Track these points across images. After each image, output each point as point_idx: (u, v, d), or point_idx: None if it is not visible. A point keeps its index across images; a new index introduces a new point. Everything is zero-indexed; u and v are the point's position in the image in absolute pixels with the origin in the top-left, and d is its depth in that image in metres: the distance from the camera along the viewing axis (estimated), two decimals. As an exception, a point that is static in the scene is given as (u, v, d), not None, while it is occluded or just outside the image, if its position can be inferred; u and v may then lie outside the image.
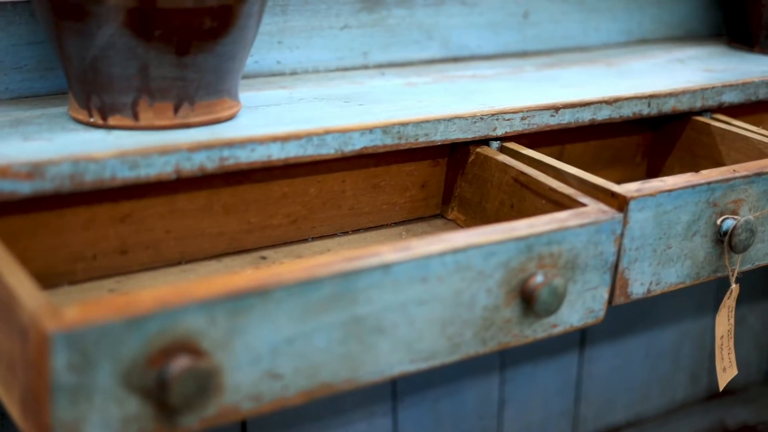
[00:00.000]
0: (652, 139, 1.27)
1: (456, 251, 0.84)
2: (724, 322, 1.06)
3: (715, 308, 1.74)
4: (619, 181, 1.20)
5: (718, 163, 1.19)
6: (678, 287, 1.03)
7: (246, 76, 1.16)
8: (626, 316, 1.60)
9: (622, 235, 0.96)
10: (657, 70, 1.31)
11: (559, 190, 0.98)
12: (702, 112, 1.23)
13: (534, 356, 1.53)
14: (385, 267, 0.81)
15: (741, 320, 1.78)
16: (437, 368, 0.91)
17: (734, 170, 1.04)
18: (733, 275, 1.05)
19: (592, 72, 1.28)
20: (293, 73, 1.20)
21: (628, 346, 1.63)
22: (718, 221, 1.02)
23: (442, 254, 0.84)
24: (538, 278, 0.89)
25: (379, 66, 1.25)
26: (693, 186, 0.99)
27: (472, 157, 1.07)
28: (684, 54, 1.41)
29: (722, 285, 1.72)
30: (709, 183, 1.00)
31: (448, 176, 1.10)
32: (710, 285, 1.70)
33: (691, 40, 1.51)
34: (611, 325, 1.59)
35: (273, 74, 1.18)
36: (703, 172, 1.03)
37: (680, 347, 1.71)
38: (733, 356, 1.07)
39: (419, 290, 0.83)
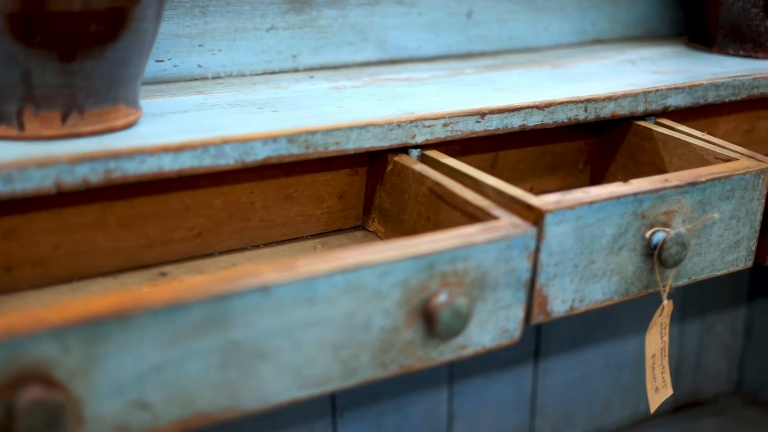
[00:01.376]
0: (595, 144, 1.21)
1: (346, 270, 0.79)
2: (656, 340, 1.00)
3: (680, 317, 1.68)
4: (560, 189, 1.14)
5: (660, 170, 1.13)
6: (605, 304, 0.97)
7: (164, 81, 1.11)
8: (584, 326, 1.54)
9: (537, 250, 0.90)
10: (604, 72, 1.25)
11: (473, 202, 0.92)
12: (645, 116, 1.17)
13: (485, 368, 1.47)
14: (264, 289, 0.76)
15: (709, 329, 1.71)
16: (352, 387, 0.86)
17: (666, 180, 0.98)
18: (664, 291, 0.99)
19: (536, 74, 1.22)
20: (216, 78, 1.14)
21: (586, 357, 1.58)
22: (647, 234, 0.96)
23: (331, 274, 0.78)
24: (441, 298, 0.84)
25: (310, 69, 1.20)
26: (618, 197, 0.93)
27: (390, 167, 1.01)
28: (638, 55, 1.35)
29: (686, 294, 1.65)
30: (636, 194, 0.95)
31: (368, 186, 1.04)
32: (674, 294, 1.64)
33: (650, 40, 1.45)
34: (568, 335, 1.53)
35: (194, 79, 1.13)
36: (632, 181, 0.97)
37: (643, 357, 1.65)
38: (667, 375, 1.01)
39: (306, 312, 0.78)
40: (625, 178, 1.16)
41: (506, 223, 0.88)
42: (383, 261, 0.80)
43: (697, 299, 1.68)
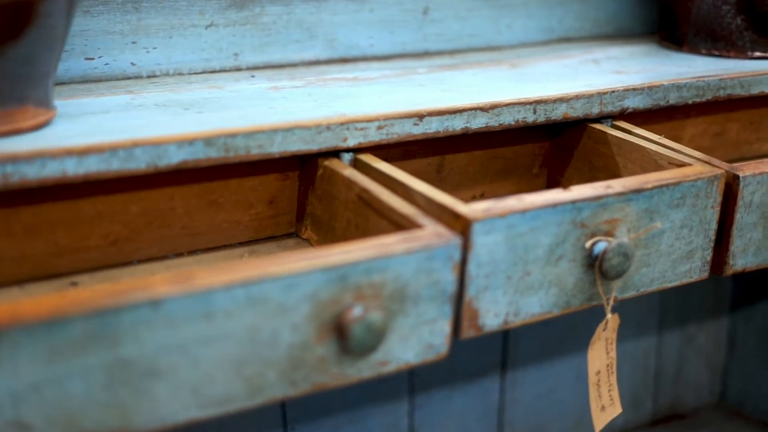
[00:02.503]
0: (551, 148, 1.15)
1: (247, 283, 0.74)
2: (601, 356, 0.94)
3: (660, 326, 1.62)
4: (513, 194, 1.09)
5: (615, 175, 1.08)
6: (544, 317, 0.92)
7: (94, 80, 1.06)
8: (555, 336, 1.48)
9: (464, 261, 0.85)
10: (564, 72, 1.19)
11: (399, 209, 0.87)
12: (601, 119, 1.11)
13: (449, 379, 1.42)
14: (154, 303, 0.71)
15: (690, 340, 1.65)
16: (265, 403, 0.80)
17: (608, 186, 0.92)
18: (608, 304, 0.94)
19: (492, 74, 1.17)
20: (151, 77, 1.10)
21: (557, 368, 1.52)
22: (588, 244, 0.91)
23: (229, 287, 0.73)
24: (356, 312, 0.78)
25: (253, 68, 1.15)
26: (554, 205, 0.88)
27: (320, 171, 0.96)
28: (604, 54, 1.30)
29: (665, 302, 1.60)
30: (574, 202, 0.89)
31: (300, 192, 0.99)
32: (652, 303, 1.58)
33: (620, 39, 1.40)
34: (537, 345, 1.47)
35: (127, 78, 1.08)
36: (572, 188, 0.91)
37: (619, 369, 1.59)
38: (615, 393, 0.96)
39: (203, 328, 0.73)
40: (581, 183, 1.10)
41: (429, 232, 0.83)
42: (289, 273, 0.75)
43: (677, 308, 1.62)
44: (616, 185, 0.92)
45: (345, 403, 1.34)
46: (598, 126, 1.10)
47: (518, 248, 0.87)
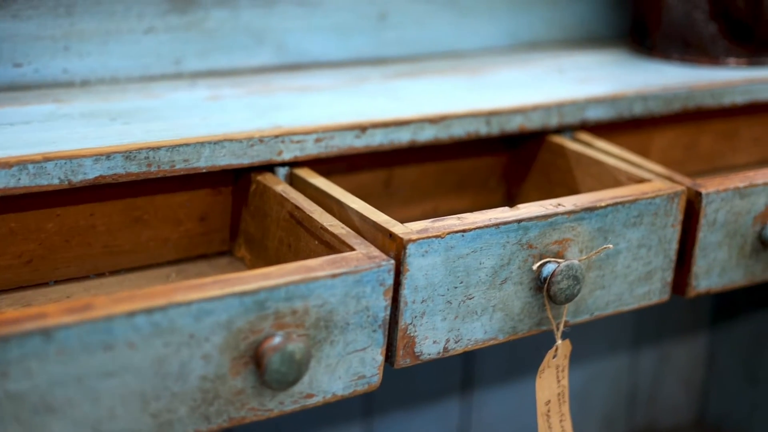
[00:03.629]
0: (509, 160, 1.09)
1: (152, 311, 0.68)
2: (551, 384, 0.88)
3: (634, 343, 1.56)
4: (469, 210, 1.03)
5: (572, 190, 1.02)
6: (488, 344, 0.86)
7: (22, 88, 1.01)
8: (520, 353, 1.42)
9: (398, 285, 0.79)
10: (526, 80, 1.13)
11: (330, 229, 0.81)
12: (562, 130, 1.05)
13: (408, 401, 1.36)
14: (46, 333, 0.65)
15: (664, 358, 1.59)
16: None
17: (558, 204, 0.86)
18: (558, 330, 0.88)
19: (449, 83, 1.11)
20: (85, 84, 1.04)
21: (524, 389, 1.46)
22: (535, 266, 0.85)
23: (132, 315, 0.68)
24: (276, 341, 0.73)
25: (196, 75, 1.09)
26: (497, 225, 0.82)
27: (253, 187, 0.90)
28: (571, 61, 1.24)
29: (640, 318, 1.53)
30: (520, 221, 0.83)
31: (234, 208, 0.94)
32: (625, 319, 1.52)
33: (591, 45, 1.34)
34: (502, 363, 1.41)
35: (58, 85, 1.03)
36: (520, 206, 0.86)
37: (591, 389, 1.53)
38: (568, 424, 0.90)
39: (103, 360, 0.67)
40: (540, 198, 1.05)
41: (358, 255, 0.77)
42: (200, 300, 0.69)
43: (652, 323, 1.56)
44: (567, 203, 0.87)
45: (293, 426, 1.28)
46: (556, 138, 1.04)
47: (459, 271, 0.81)
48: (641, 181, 0.94)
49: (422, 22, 1.22)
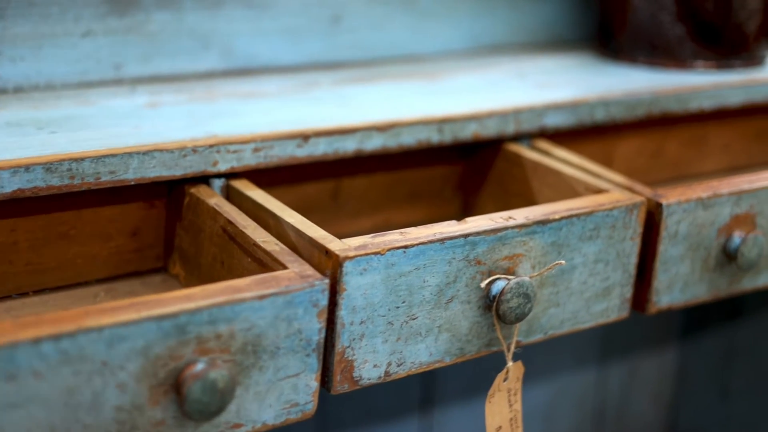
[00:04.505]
0: (465, 169, 1.04)
1: (59, 337, 0.63)
2: (502, 409, 0.84)
3: (601, 357, 1.51)
4: (422, 222, 0.98)
5: (530, 201, 0.97)
6: (433, 367, 0.81)
7: (-50, 95, 0.95)
8: (484, 369, 1.37)
9: (334, 305, 0.74)
10: (485, 85, 1.09)
11: (263, 246, 0.76)
12: (519, 138, 1.00)
13: (364, 420, 1.30)
14: (-60, 363, 0.60)
15: (633, 372, 1.54)
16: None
17: (509, 217, 0.81)
18: (509, 351, 0.83)
19: (404, 88, 1.06)
20: (18, 90, 0.98)
21: (489, 404, 1.40)
22: (484, 284, 0.80)
23: (37, 342, 0.63)
24: (198, 368, 0.68)
25: (137, 81, 1.04)
26: (442, 240, 0.77)
27: (186, 200, 0.85)
28: (533, 65, 1.19)
29: (607, 331, 1.49)
30: (466, 236, 0.78)
31: (168, 222, 0.88)
32: (592, 332, 1.47)
33: (555, 48, 1.29)
34: (464, 379, 1.36)
35: (-11, 92, 0.97)
36: (467, 220, 0.81)
37: (555, 406, 1.48)
38: (521, 449, 0.85)
39: (5, 390, 0.62)
40: (496, 209, 1.00)
41: (290, 273, 0.72)
42: (113, 325, 0.64)
43: (620, 337, 1.51)
44: (518, 216, 0.82)
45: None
46: (513, 147, 0.99)
47: (401, 290, 0.76)
48: (600, 191, 0.90)
49: (378, 25, 1.17)
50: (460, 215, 1.05)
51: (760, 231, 0.94)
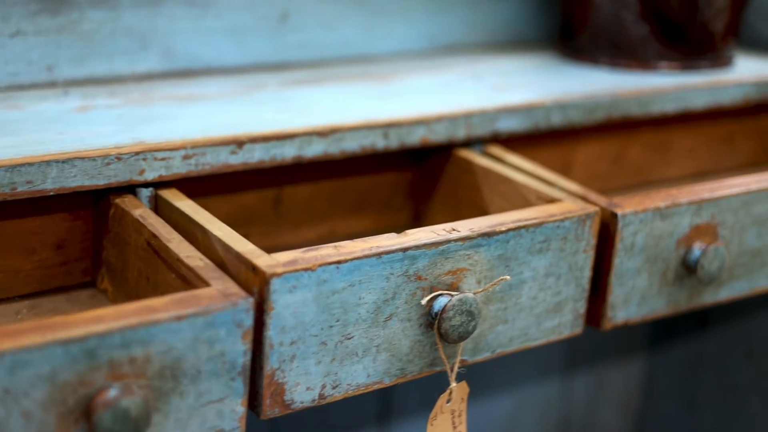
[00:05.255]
0: (415, 176, 1.00)
1: (-47, 364, 0.58)
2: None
3: (566, 367, 1.46)
4: (371, 232, 0.94)
5: (481, 210, 0.92)
6: (372, 388, 0.76)
7: None
8: (444, 383, 1.32)
9: (261, 325, 0.69)
10: (438, 88, 1.04)
11: (187, 261, 0.71)
12: (470, 143, 0.96)
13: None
14: None
15: (599, 383, 1.50)
16: None
17: (452, 229, 0.77)
18: (452, 371, 0.78)
19: (352, 90, 1.01)
20: (-58, 94, 0.93)
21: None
22: (424, 300, 0.75)
23: (-73, 370, 0.57)
24: (110, 395, 0.63)
25: (71, 83, 0.99)
26: (379, 254, 0.72)
27: (112, 211, 0.80)
28: (491, 66, 1.14)
29: (574, 342, 1.44)
30: (405, 250, 0.73)
31: (95, 234, 0.83)
32: (556, 343, 1.43)
33: (516, 48, 1.24)
34: (425, 392, 1.31)
35: None
36: (408, 232, 0.76)
37: (519, 417, 1.44)
38: (468, 473, 0.80)
39: None
40: (446, 219, 0.95)
41: (212, 292, 0.67)
42: (15, 350, 0.59)
43: (585, 347, 1.47)
44: (462, 228, 0.77)
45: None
46: (463, 152, 0.94)
47: (334, 308, 0.72)
48: (552, 200, 0.85)
49: (328, 24, 1.12)
50: (411, 224, 1.00)
51: (722, 242, 0.90)
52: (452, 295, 0.75)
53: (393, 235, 0.75)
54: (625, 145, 1.11)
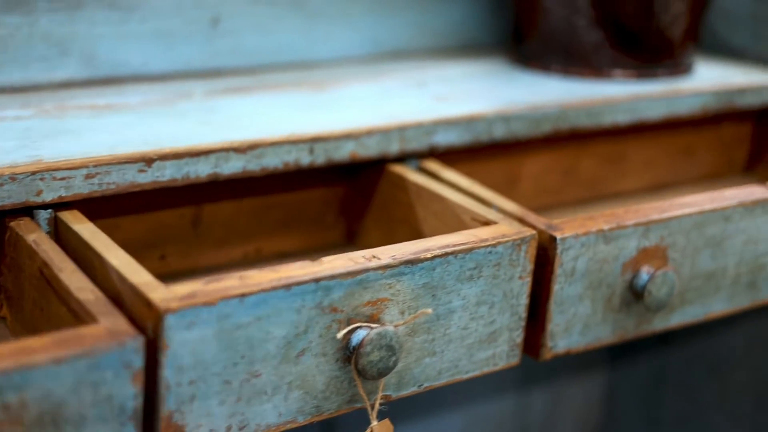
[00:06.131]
0: (348, 192, 0.94)
1: None
2: (367, 474, 0.73)
3: (523, 382, 1.41)
4: (302, 251, 0.88)
5: (415, 231, 0.87)
6: (285, 428, 0.70)
7: None
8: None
9: (155, 365, 0.63)
10: (376, 97, 0.98)
11: (76, 294, 0.65)
12: (406, 158, 0.90)
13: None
14: None
15: (558, 399, 1.44)
16: None
17: (372, 257, 0.71)
18: (372, 409, 0.72)
19: (284, 100, 0.95)
20: None
21: (397, 438, 1.30)
22: (340, 334, 0.69)
23: None
24: (-20, 446, 0.56)
25: (-17, 92, 0.92)
26: (288, 286, 0.66)
27: (7, 234, 0.74)
28: (437, 73, 1.08)
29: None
30: (318, 280, 0.67)
31: (-8, 258, 0.77)
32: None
33: (466, 54, 1.18)
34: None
35: None
36: (324, 259, 0.70)
37: (473, 435, 1.38)
38: None
39: None
40: (380, 239, 0.89)
41: (98, 330, 0.61)
42: None
43: (543, 362, 1.41)
44: (384, 255, 0.71)
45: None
46: (396, 168, 0.89)
47: (239, 344, 0.66)
48: (487, 222, 0.79)
49: (264, 28, 1.06)
50: (344, 242, 0.94)
51: (672, 266, 0.84)
52: (371, 328, 0.69)
53: (306, 263, 0.69)
54: (577, 157, 1.06)
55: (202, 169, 0.79)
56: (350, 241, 0.94)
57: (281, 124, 0.87)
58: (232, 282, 0.66)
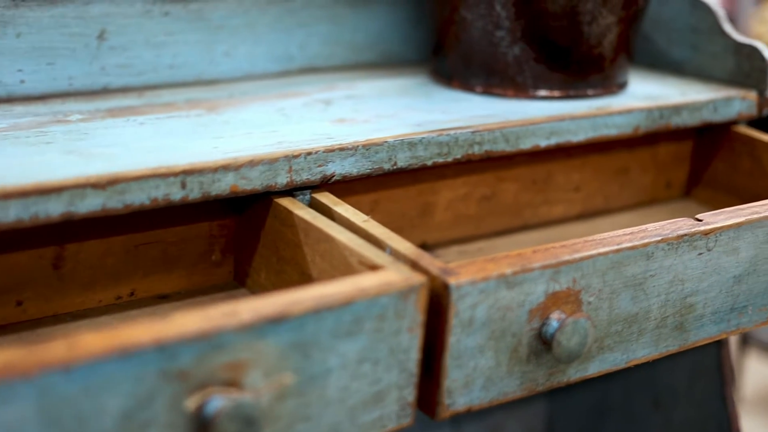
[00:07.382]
0: (236, 226, 0.85)
1: None
2: None
3: (455, 417, 1.32)
4: (180, 292, 0.79)
5: (304, 272, 0.78)
6: None
7: None
8: None
9: (-40, 450, 0.54)
10: (274, 119, 0.89)
11: None
12: (297, 189, 0.81)
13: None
14: None
15: (495, 430, 1.36)
16: None
17: (232, 313, 0.62)
18: (233, 486, 0.63)
19: (171, 124, 0.86)
20: None
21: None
22: (192, 404, 0.61)
23: None
24: None
25: None
26: (124, 352, 0.57)
27: None
28: (347, 91, 1.00)
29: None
30: (161, 345, 0.59)
31: None
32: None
33: (385, 70, 1.10)
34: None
35: None
36: (175, 317, 0.61)
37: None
38: None
39: None
40: (270, 280, 0.81)
41: None
42: None
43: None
44: (245, 312, 0.62)
45: None
46: (284, 201, 0.80)
47: (65, 420, 0.57)
48: (374, 267, 0.70)
49: (158, 43, 0.97)
50: (231, 283, 0.86)
51: (585, 313, 0.76)
52: (229, 395, 0.61)
53: (152, 322, 0.60)
54: (497, 182, 0.97)
55: (53, 208, 0.71)
56: (240, 280, 0.86)
57: (155, 153, 0.78)
58: (58, 350, 0.57)
